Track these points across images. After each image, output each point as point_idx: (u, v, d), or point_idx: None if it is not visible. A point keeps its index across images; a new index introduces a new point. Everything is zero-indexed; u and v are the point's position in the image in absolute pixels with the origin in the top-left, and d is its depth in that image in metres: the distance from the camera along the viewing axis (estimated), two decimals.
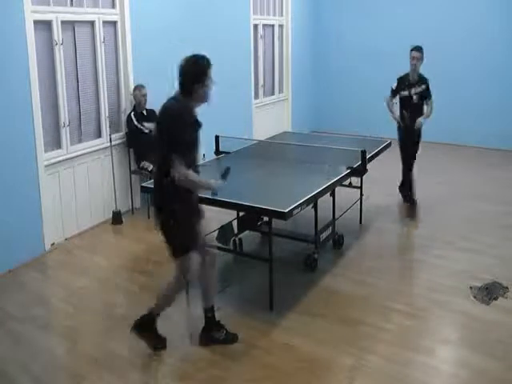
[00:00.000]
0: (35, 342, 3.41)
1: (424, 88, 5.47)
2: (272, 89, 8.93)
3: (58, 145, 5.05)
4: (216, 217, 4.15)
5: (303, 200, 3.58)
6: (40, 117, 4.67)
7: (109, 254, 4.81)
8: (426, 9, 8.64)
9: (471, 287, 3.98)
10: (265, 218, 4.33)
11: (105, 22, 5.41)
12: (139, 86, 5.58)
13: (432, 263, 4.48)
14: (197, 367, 3.13)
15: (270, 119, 8.66)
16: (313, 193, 3.75)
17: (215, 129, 4.92)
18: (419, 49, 5.42)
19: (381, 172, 6.15)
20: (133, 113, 5.60)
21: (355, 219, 5.31)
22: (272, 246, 3.67)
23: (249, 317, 3.64)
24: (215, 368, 3.12)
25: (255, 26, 8.10)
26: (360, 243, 4.91)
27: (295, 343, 3.34)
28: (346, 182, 4.63)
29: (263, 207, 3.52)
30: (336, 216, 4.62)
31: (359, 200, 5.32)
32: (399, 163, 5.76)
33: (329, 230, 4.51)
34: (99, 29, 5.33)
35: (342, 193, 4.88)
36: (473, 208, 5.77)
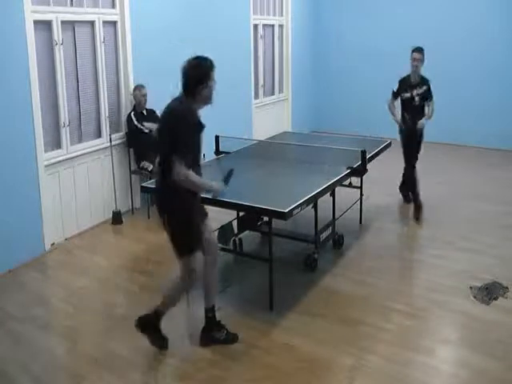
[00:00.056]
0: (35, 342, 3.41)
1: (425, 89, 5.40)
2: (272, 89, 8.93)
3: (58, 145, 5.05)
4: (216, 217, 4.13)
5: (303, 200, 3.58)
6: (40, 117, 4.67)
7: (109, 254, 4.81)
8: (426, 9, 8.65)
9: (471, 287, 3.98)
10: (265, 218, 4.33)
11: (105, 22, 5.41)
12: (139, 86, 5.58)
13: (432, 263, 4.48)
14: (197, 367, 3.13)
15: (270, 119, 8.66)
16: (313, 193, 3.75)
17: (215, 129, 4.91)
18: (420, 50, 5.32)
19: (381, 172, 6.16)
20: (133, 113, 5.60)
21: (355, 219, 5.31)
22: (272, 246, 3.67)
23: (249, 317, 3.64)
24: (215, 368, 3.12)
25: (255, 26, 8.10)
26: (360, 243, 4.91)
27: (295, 343, 3.34)
28: (346, 182, 4.63)
29: (263, 207, 3.53)
30: (336, 216, 4.61)
31: (359, 200, 5.33)
32: (399, 163, 5.75)
33: (329, 230, 4.51)
34: (99, 29, 5.33)
35: (342, 193, 4.88)
36: (473, 208, 5.77)
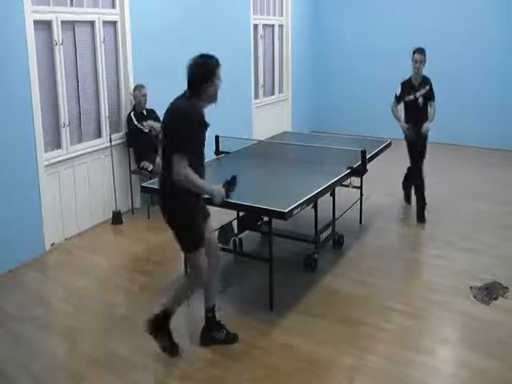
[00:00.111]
0: (35, 342, 3.41)
1: (428, 89, 5.31)
2: (272, 89, 8.93)
3: (58, 145, 5.05)
4: (216, 217, 4.13)
5: (303, 200, 3.58)
6: (40, 117, 4.67)
7: (109, 254, 4.81)
8: (426, 9, 8.64)
9: (471, 287, 3.98)
10: (265, 218, 4.33)
11: (105, 22, 5.41)
12: (139, 86, 5.58)
13: (432, 263, 4.49)
14: (197, 367, 3.13)
15: (270, 119, 8.66)
16: (313, 193, 3.75)
17: (215, 129, 4.90)
18: (422, 51, 5.17)
19: (381, 172, 6.16)
20: (133, 113, 5.60)
21: (355, 219, 5.31)
22: (272, 246, 3.67)
23: (249, 317, 3.64)
24: (215, 368, 3.12)
25: (255, 26, 8.10)
26: (360, 243, 4.91)
27: (295, 343, 3.34)
28: (346, 182, 4.63)
29: (263, 207, 3.53)
30: (336, 216, 4.61)
31: (359, 200, 5.33)
32: (399, 163, 5.75)
33: (329, 230, 4.51)
34: (99, 29, 5.33)
35: (342, 193, 4.88)
36: (473, 208, 5.77)
